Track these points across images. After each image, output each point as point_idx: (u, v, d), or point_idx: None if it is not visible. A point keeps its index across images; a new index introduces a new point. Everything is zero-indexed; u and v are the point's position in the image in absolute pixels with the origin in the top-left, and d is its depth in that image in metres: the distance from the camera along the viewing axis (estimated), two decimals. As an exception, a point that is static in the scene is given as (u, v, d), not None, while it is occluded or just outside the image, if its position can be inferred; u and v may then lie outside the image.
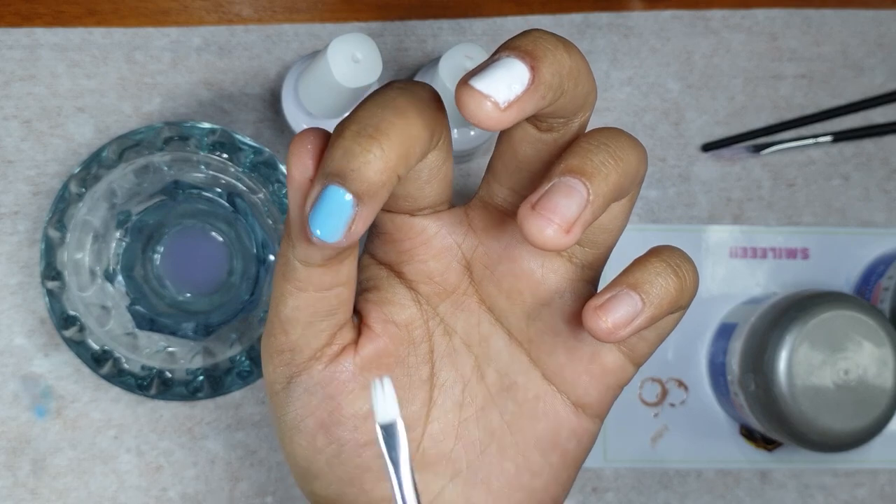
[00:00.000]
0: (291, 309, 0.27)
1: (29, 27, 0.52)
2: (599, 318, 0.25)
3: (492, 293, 0.29)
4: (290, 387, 0.28)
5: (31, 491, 0.51)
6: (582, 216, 0.23)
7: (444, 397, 0.30)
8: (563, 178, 0.24)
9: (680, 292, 0.26)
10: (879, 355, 0.48)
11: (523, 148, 0.27)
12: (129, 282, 0.49)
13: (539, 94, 0.23)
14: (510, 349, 0.29)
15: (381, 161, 0.23)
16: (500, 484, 0.30)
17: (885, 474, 0.55)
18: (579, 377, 0.29)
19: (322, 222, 0.23)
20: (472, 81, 0.22)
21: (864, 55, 0.57)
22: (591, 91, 0.25)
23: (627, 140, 0.25)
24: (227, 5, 0.54)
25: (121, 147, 0.48)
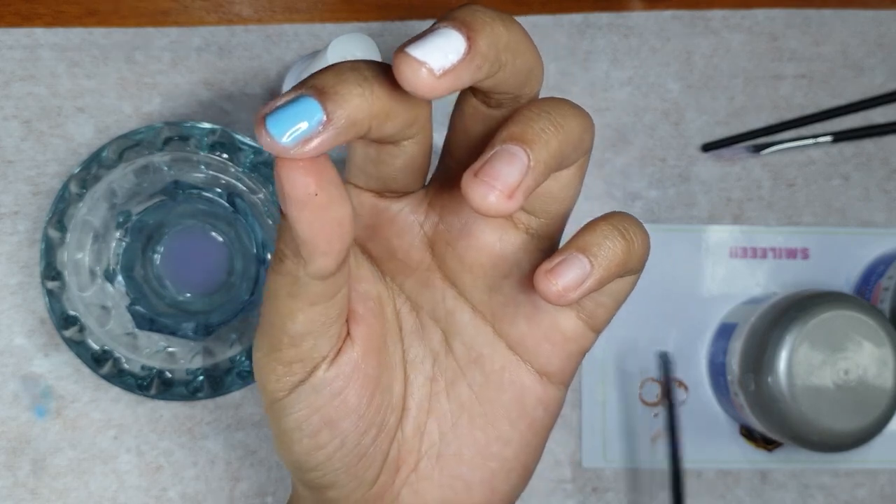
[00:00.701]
0: (303, 324, 0.27)
1: (29, 27, 0.52)
2: (550, 281, 0.26)
3: (454, 268, 0.30)
4: (295, 392, 0.28)
5: (31, 491, 0.51)
6: (524, 182, 0.24)
7: (416, 373, 0.31)
8: (504, 145, 0.24)
9: (628, 254, 0.27)
10: (879, 355, 0.48)
11: (474, 124, 0.27)
12: (129, 282, 0.49)
13: (475, 65, 0.23)
14: (475, 322, 0.30)
15: (366, 101, 0.23)
16: (471, 454, 0.30)
17: (884, 474, 0.55)
18: (541, 346, 0.30)
19: (280, 126, 0.23)
20: (408, 49, 0.22)
21: (864, 55, 0.57)
22: (534, 66, 0.25)
23: (570, 108, 0.26)
24: (227, 5, 0.54)
25: (121, 147, 0.48)
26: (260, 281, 0.49)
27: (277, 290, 0.27)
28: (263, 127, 0.23)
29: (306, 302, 0.26)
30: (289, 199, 0.24)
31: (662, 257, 0.55)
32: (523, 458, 0.31)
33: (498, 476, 0.31)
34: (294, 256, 0.26)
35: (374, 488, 0.30)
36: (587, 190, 0.55)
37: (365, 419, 0.29)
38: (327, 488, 0.29)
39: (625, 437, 0.54)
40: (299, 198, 0.24)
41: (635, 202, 0.55)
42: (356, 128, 0.23)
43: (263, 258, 0.49)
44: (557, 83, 0.55)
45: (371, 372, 0.29)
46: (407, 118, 0.25)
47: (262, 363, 0.28)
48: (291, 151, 0.23)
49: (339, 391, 0.28)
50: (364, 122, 0.24)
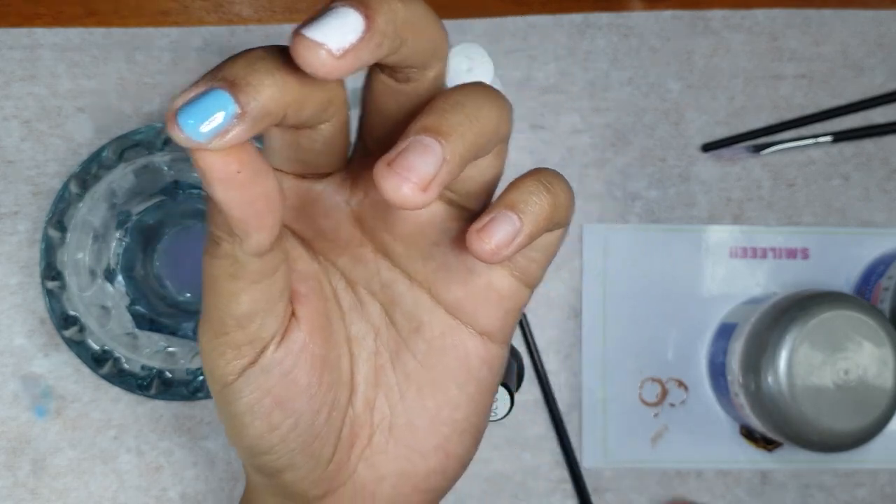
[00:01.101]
0: (248, 304, 0.27)
1: (29, 27, 0.52)
2: (482, 240, 0.26)
3: (385, 241, 0.30)
4: (245, 375, 0.28)
5: (31, 491, 0.51)
6: (438, 175, 0.24)
7: (360, 349, 0.31)
8: (418, 136, 0.24)
9: (554, 207, 0.27)
10: (879, 355, 0.48)
11: (385, 100, 0.27)
12: (129, 282, 0.49)
13: (374, 43, 0.23)
14: (412, 291, 0.30)
15: (278, 90, 0.23)
16: (423, 422, 0.31)
17: (885, 474, 0.55)
18: (479, 307, 0.30)
19: (193, 121, 0.22)
20: (304, 31, 0.22)
21: (863, 55, 0.57)
22: (438, 39, 0.25)
23: (486, 98, 0.26)
24: (227, 5, 0.54)
25: (121, 147, 0.48)
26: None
27: (217, 274, 0.27)
28: (175, 123, 0.22)
29: (248, 281, 0.27)
30: (212, 180, 0.24)
31: (662, 257, 0.55)
32: (474, 419, 0.31)
33: (451, 440, 0.31)
34: (229, 237, 0.26)
35: (329, 466, 0.30)
36: (587, 190, 0.55)
37: (316, 398, 0.29)
38: (283, 471, 0.29)
39: (624, 436, 0.54)
40: (222, 178, 0.24)
41: (635, 202, 0.55)
42: (270, 117, 0.23)
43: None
44: (557, 83, 0.55)
45: (319, 350, 0.29)
46: (321, 102, 0.25)
47: (210, 348, 0.28)
48: (207, 146, 0.23)
49: (289, 371, 0.28)
50: (278, 111, 0.23)
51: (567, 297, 0.54)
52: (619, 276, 0.55)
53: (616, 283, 0.55)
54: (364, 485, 0.31)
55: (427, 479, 0.31)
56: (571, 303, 0.54)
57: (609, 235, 0.55)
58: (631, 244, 0.55)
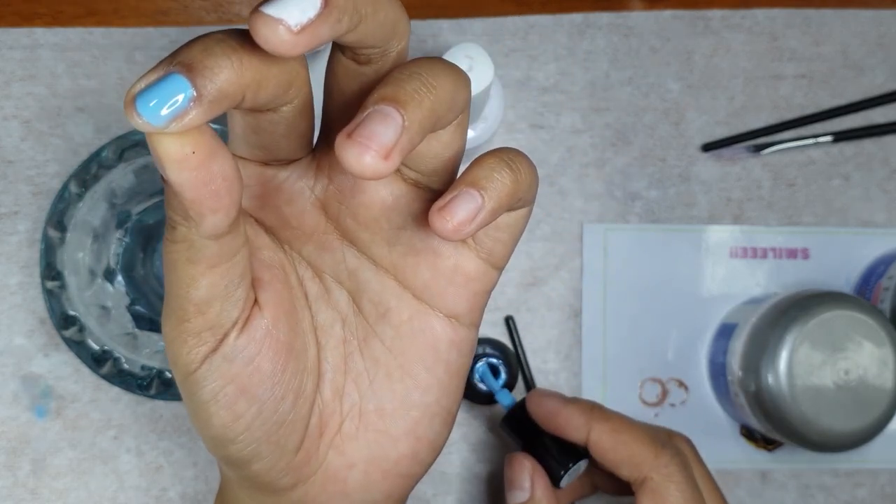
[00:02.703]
0: (206, 288, 0.27)
1: (29, 27, 0.52)
2: (444, 218, 0.26)
3: (350, 227, 0.30)
4: (207, 362, 0.28)
5: (31, 491, 0.51)
6: (399, 143, 0.24)
7: (328, 337, 0.31)
8: (377, 106, 0.24)
9: (516, 184, 0.27)
10: (880, 355, 0.48)
11: (346, 83, 0.27)
12: (129, 282, 0.49)
13: (333, 18, 0.23)
14: (379, 277, 0.31)
15: (235, 73, 0.23)
16: (393, 406, 0.31)
17: (885, 474, 0.55)
18: (446, 290, 0.30)
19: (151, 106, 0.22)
20: (262, 8, 0.22)
21: (864, 55, 0.57)
22: (398, 18, 0.25)
23: (442, 68, 0.26)
24: (226, 5, 0.54)
25: (120, 147, 0.48)
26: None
27: (176, 259, 0.27)
28: (133, 108, 0.22)
29: (206, 265, 0.26)
30: (165, 162, 0.24)
31: (662, 257, 0.55)
32: (444, 403, 0.31)
33: (421, 424, 0.31)
34: (184, 220, 0.25)
35: (298, 455, 0.30)
36: (587, 190, 0.55)
37: (281, 385, 0.29)
38: (250, 462, 0.29)
39: (625, 437, 0.54)
40: (176, 159, 0.24)
41: (635, 202, 0.55)
42: (228, 100, 0.23)
43: (263, 258, 0.49)
44: (557, 83, 0.55)
45: (283, 337, 0.29)
46: (280, 83, 0.25)
47: (172, 337, 0.28)
48: (164, 129, 0.23)
49: (252, 358, 0.28)
50: (236, 94, 0.23)
51: (567, 297, 0.54)
52: (619, 276, 0.55)
53: (616, 283, 0.55)
54: (335, 472, 0.31)
55: (398, 464, 0.31)
56: (571, 303, 0.54)
57: (609, 235, 0.55)
58: (631, 244, 0.55)
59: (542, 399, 0.45)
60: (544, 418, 0.45)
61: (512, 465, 0.45)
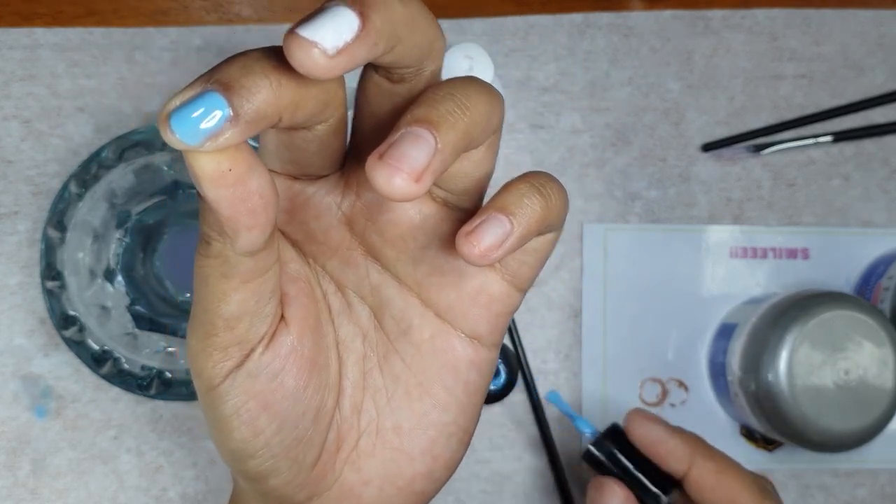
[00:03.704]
0: (237, 304, 0.27)
1: (29, 27, 0.52)
2: (471, 243, 0.26)
3: (376, 244, 0.30)
4: (231, 377, 0.28)
5: (31, 491, 0.51)
6: (431, 165, 0.23)
7: (348, 352, 0.31)
8: (410, 127, 0.23)
9: (546, 210, 0.27)
10: (880, 355, 0.48)
11: (378, 101, 0.27)
12: (129, 282, 0.49)
13: (370, 42, 0.22)
14: (402, 294, 0.30)
15: (273, 92, 0.23)
16: (411, 425, 0.31)
17: (885, 474, 0.55)
18: (469, 311, 0.30)
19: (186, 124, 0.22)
20: (298, 30, 0.21)
21: (864, 55, 0.57)
22: (434, 38, 0.25)
23: (477, 88, 0.25)
24: (227, 5, 0.54)
25: (121, 147, 0.48)
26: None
27: (208, 273, 0.26)
28: (168, 125, 0.22)
29: (239, 281, 0.26)
30: (201, 179, 0.23)
31: (662, 257, 0.55)
32: (462, 422, 0.31)
33: (438, 443, 0.31)
34: (220, 236, 0.25)
35: (314, 470, 0.30)
36: (587, 190, 0.55)
37: (302, 402, 0.29)
38: (267, 477, 0.29)
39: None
40: (212, 176, 0.23)
41: (635, 202, 0.55)
42: (265, 121, 0.23)
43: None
44: (557, 83, 0.55)
45: (307, 353, 0.28)
46: (318, 103, 0.25)
47: (198, 350, 0.28)
48: (199, 149, 0.22)
49: (276, 374, 0.28)
50: (273, 114, 0.23)
51: (567, 297, 0.54)
52: (619, 276, 0.55)
53: (616, 283, 0.55)
54: (350, 488, 0.30)
55: (413, 481, 0.31)
56: (571, 303, 0.54)
57: (609, 235, 0.55)
58: (631, 244, 0.55)
59: (644, 423, 0.45)
60: (645, 444, 0.45)
61: (603, 492, 0.45)
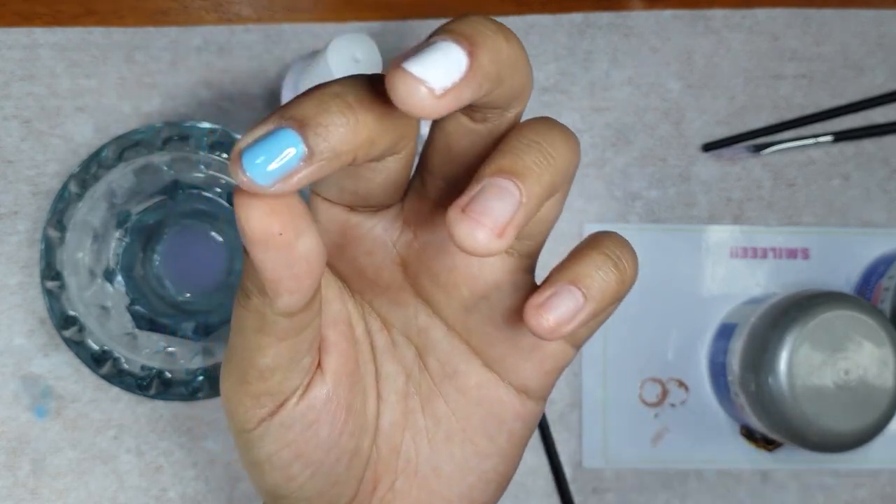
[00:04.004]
0: (273, 358, 0.26)
1: (28, 27, 0.52)
2: (541, 316, 0.24)
3: (427, 287, 0.28)
4: (264, 426, 0.27)
5: (31, 491, 0.51)
6: (515, 219, 0.22)
7: (389, 390, 0.29)
8: (493, 178, 0.22)
9: (621, 284, 0.26)
10: (880, 355, 0.48)
11: (457, 139, 0.25)
12: (129, 282, 0.49)
13: (476, 83, 0.21)
14: (449, 339, 0.29)
15: (350, 132, 0.21)
16: (450, 469, 0.30)
17: (885, 474, 0.55)
18: (520, 365, 0.29)
19: (259, 163, 0.21)
20: (405, 65, 0.20)
21: (864, 55, 0.57)
22: (527, 82, 0.24)
23: (560, 134, 0.24)
24: (226, 5, 0.54)
25: (120, 147, 0.48)
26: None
27: (244, 325, 0.25)
28: (239, 164, 0.21)
29: (275, 338, 0.25)
30: (250, 240, 0.22)
31: (662, 257, 0.55)
32: (502, 469, 0.30)
33: (476, 489, 0.30)
34: (260, 294, 0.24)
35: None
36: (587, 190, 0.55)
37: (337, 448, 0.28)
38: None
39: (625, 437, 0.54)
40: (261, 238, 0.22)
41: (635, 202, 0.55)
42: (340, 160, 0.22)
43: (263, 258, 0.49)
44: (557, 83, 0.55)
45: (343, 401, 0.28)
46: (393, 138, 0.23)
47: (230, 393, 0.27)
48: (270, 189, 0.21)
49: (311, 424, 0.27)
50: (349, 153, 0.22)
51: (567, 297, 0.54)
52: (619, 276, 0.54)
53: (616, 283, 0.54)
54: None
55: None
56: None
57: (609, 235, 0.55)
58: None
59: None
60: None
61: None
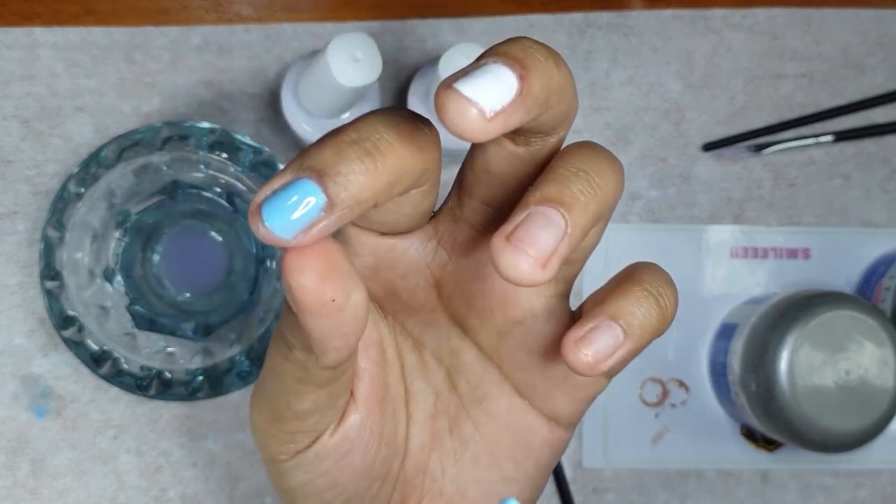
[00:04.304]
0: (310, 403, 0.26)
1: (28, 26, 0.52)
2: (580, 350, 0.24)
3: (461, 310, 0.28)
4: (298, 458, 0.27)
5: (31, 491, 0.51)
6: (559, 249, 0.22)
7: (419, 411, 0.29)
8: (539, 207, 0.22)
9: (661, 322, 0.25)
10: (880, 355, 0.48)
11: (497, 163, 0.25)
12: (129, 282, 0.49)
13: (526, 107, 0.21)
14: (481, 362, 0.29)
15: (370, 178, 0.21)
16: (475, 493, 0.29)
17: (886, 475, 0.55)
18: (552, 393, 0.28)
19: (279, 215, 0.21)
20: (457, 85, 0.20)
21: (864, 54, 0.57)
22: (574, 108, 0.24)
23: (606, 162, 0.24)
24: (226, 4, 0.54)
25: (120, 147, 0.48)
26: (259, 281, 0.49)
27: (283, 373, 0.25)
28: (259, 218, 0.21)
29: (315, 386, 0.25)
30: (304, 311, 0.22)
31: (663, 257, 0.55)
32: (527, 495, 0.30)
33: None
34: (304, 350, 0.24)
35: None
36: (587, 190, 0.55)
37: (371, 473, 0.28)
38: None
39: (625, 437, 0.54)
40: (314, 308, 0.22)
41: (635, 202, 0.55)
42: (362, 206, 0.21)
43: (263, 258, 0.49)
44: (558, 83, 0.55)
45: (375, 428, 0.27)
46: (416, 176, 0.23)
47: (262, 427, 0.27)
48: (292, 242, 0.21)
49: (345, 454, 0.27)
50: (371, 199, 0.21)
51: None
52: (619, 276, 0.54)
53: (616, 282, 0.54)
54: None
55: None
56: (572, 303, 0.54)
57: (609, 235, 0.55)
58: (631, 244, 0.55)
59: None
60: None
61: None
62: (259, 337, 0.48)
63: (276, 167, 0.48)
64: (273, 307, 0.48)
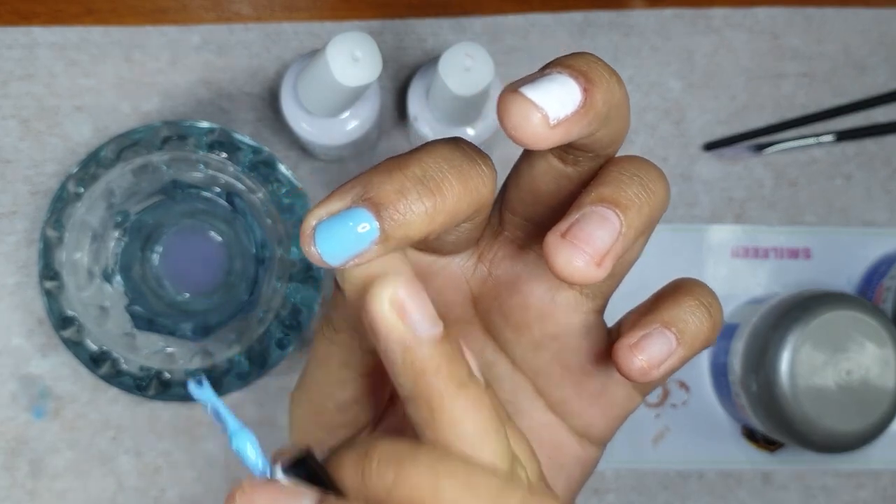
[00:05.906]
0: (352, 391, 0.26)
1: (27, 26, 0.52)
2: (634, 356, 0.24)
3: (497, 324, 0.28)
4: None
5: (30, 492, 0.51)
6: (614, 248, 0.22)
7: None
8: (595, 207, 0.22)
9: (712, 331, 0.25)
10: (882, 356, 0.48)
11: (544, 181, 0.25)
12: (128, 282, 0.49)
13: (588, 119, 0.21)
14: (514, 378, 0.29)
15: (427, 218, 0.21)
16: None
17: (887, 475, 0.55)
18: (585, 410, 0.28)
19: (331, 242, 0.21)
20: (522, 89, 0.20)
21: (866, 54, 0.57)
22: (626, 127, 0.24)
23: (657, 172, 0.24)
24: (226, 4, 0.53)
25: (119, 146, 0.48)
26: (259, 281, 0.49)
27: (329, 357, 0.25)
28: (312, 241, 0.21)
29: (358, 373, 0.25)
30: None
31: (664, 257, 0.55)
32: None
33: None
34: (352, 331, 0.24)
35: None
36: (588, 189, 0.55)
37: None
38: None
39: (625, 437, 0.54)
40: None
41: (636, 202, 0.55)
42: (413, 241, 0.22)
43: (262, 258, 0.49)
44: (558, 82, 0.55)
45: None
46: (468, 215, 0.23)
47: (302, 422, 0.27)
48: (339, 266, 0.21)
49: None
50: (422, 236, 0.22)
51: (568, 297, 0.54)
52: (620, 276, 0.54)
53: (617, 283, 0.54)
54: None
55: None
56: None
57: (610, 235, 0.54)
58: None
59: None
60: None
61: None
62: (258, 337, 0.48)
63: (276, 167, 0.48)
64: (273, 307, 0.48)
